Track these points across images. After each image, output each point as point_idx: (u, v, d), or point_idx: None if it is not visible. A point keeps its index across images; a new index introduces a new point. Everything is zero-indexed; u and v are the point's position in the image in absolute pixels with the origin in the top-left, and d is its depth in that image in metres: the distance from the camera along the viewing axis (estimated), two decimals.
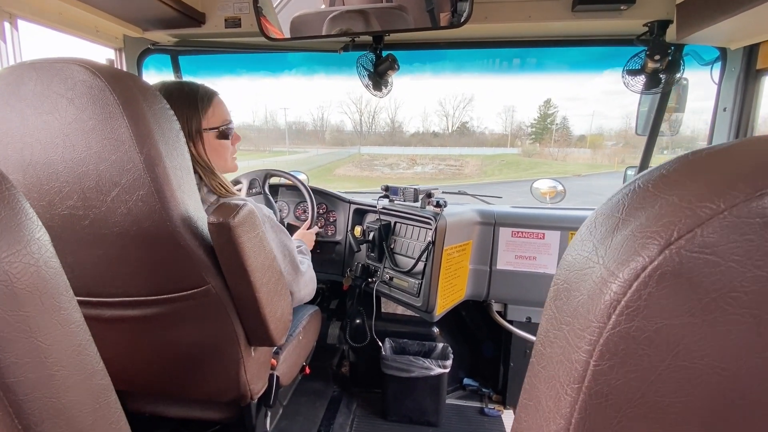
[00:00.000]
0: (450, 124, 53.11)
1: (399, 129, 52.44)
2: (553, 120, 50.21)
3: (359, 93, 47.16)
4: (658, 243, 0.20)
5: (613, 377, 0.22)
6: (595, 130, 54.29)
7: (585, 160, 41.74)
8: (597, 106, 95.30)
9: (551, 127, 49.63)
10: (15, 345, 0.30)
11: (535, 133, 49.43)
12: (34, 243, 0.31)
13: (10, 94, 0.59)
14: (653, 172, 0.24)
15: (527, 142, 49.24)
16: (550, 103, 51.76)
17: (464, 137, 51.56)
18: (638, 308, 0.21)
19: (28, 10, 1.14)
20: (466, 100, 52.79)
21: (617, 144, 48.69)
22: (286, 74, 14.38)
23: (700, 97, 1.40)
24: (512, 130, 53.68)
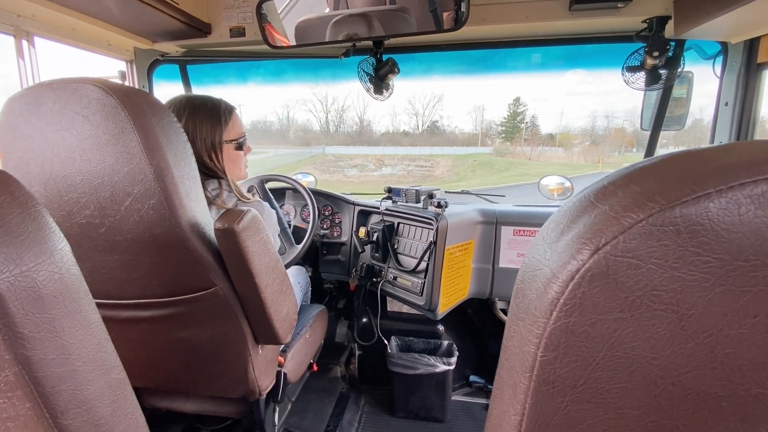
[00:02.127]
0: (420, 123, 52.03)
1: (368, 128, 50.88)
2: (523, 118, 49.32)
3: (325, 90, 45.28)
4: (589, 248, 0.23)
5: (557, 366, 0.25)
6: (562, 128, 53.63)
7: (559, 159, 40.43)
8: (563, 106, 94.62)
9: (521, 126, 48.83)
10: (43, 343, 0.34)
11: (505, 132, 48.72)
12: (57, 253, 0.36)
13: (30, 113, 0.64)
14: (599, 182, 0.27)
15: (498, 141, 48.30)
16: (519, 102, 50.84)
17: (435, 136, 50.56)
18: (574, 305, 0.23)
19: (44, 28, 1.21)
20: (435, 99, 51.75)
21: (583, 142, 47.77)
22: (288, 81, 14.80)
23: (711, 92, 1.40)
24: (482, 128, 52.70)
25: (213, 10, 1.45)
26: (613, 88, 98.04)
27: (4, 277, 0.31)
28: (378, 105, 57.18)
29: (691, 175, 0.22)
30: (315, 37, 1.38)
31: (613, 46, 1.45)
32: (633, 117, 64.85)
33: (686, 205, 0.21)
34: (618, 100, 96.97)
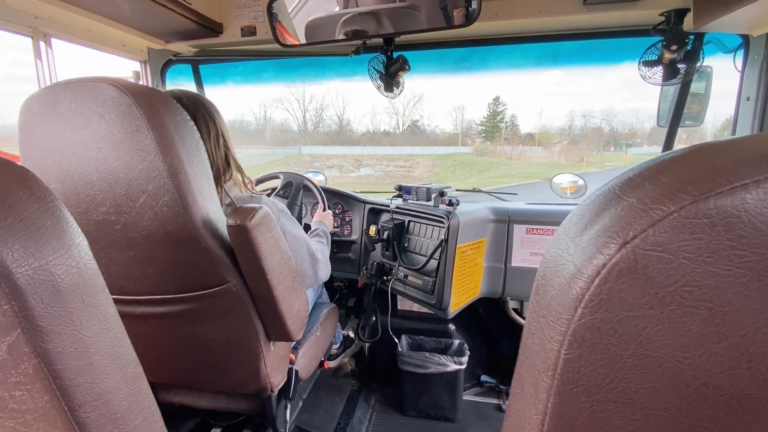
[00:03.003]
0: (401, 123, 50.95)
1: (347, 127, 49.56)
2: (503, 118, 48.87)
3: (302, 89, 44.33)
4: (616, 242, 0.22)
5: (582, 365, 0.24)
6: (541, 128, 53.19)
7: (540, 158, 39.54)
8: (541, 105, 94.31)
9: (501, 125, 48.33)
10: (61, 336, 0.34)
11: (485, 132, 48.25)
12: (75, 247, 0.36)
13: (48, 112, 0.65)
14: (623, 175, 0.26)
15: (478, 141, 47.75)
16: (499, 101, 50.18)
17: (415, 136, 49.77)
18: (600, 301, 0.23)
19: (60, 29, 1.23)
20: (416, 98, 50.35)
21: (561, 142, 47.27)
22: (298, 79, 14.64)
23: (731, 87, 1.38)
24: (463, 128, 52.09)
25: (225, 10, 1.46)
26: (591, 89, 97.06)
27: (23, 271, 0.32)
28: (358, 104, 55.44)
29: (725, 165, 0.21)
30: (325, 36, 1.38)
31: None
32: (609, 117, 61.97)
33: (721, 196, 0.20)
34: (594, 100, 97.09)
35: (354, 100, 52.00)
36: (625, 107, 29.48)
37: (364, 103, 60.19)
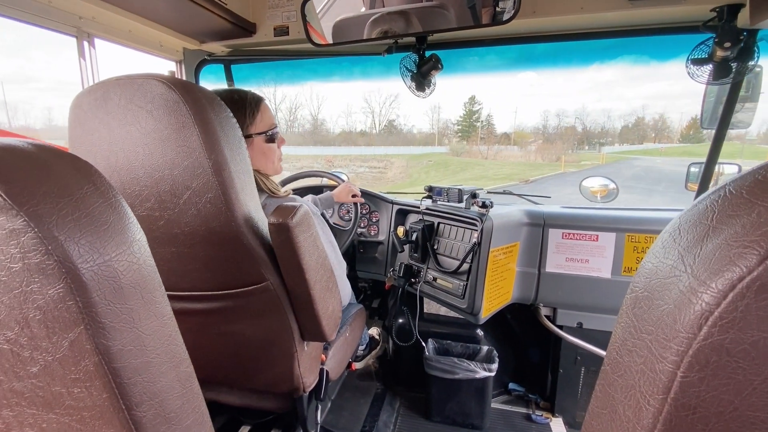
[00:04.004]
0: (377, 123, 50.20)
1: (322, 127, 48.82)
2: (479, 117, 48.31)
3: (273, 87, 44.92)
4: (757, 253, 0.19)
5: (703, 389, 0.21)
6: (517, 127, 52.35)
7: (516, 158, 38.56)
8: (517, 104, 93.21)
9: (477, 125, 47.63)
10: (121, 334, 0.34)
11: (462, 131, 47.55)
12: (136, 243, 0.35)
13: (98, 108, 0.66)
14: (746, 177, 0.23)
15: (455, 141, 47.00)
16: (475, 100, 49.00)
17: (392, 136, 49.00)
18: (733, 320, 0.20)
19: (103, 30, 1.26)
20: (392, 97, 49.82)
21: (536, 141, 46.63)
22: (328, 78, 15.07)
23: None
24: (440, 128, 51.47)
25: (258, 10, 1.48)
26: (564, 91, 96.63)
27: (88, 266, 0.31)
28: (333, 104, 53.59)
29: None
30: (354, 36, 1.37)
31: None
32: (582, 116, 62.14)
33: None
34: (567, 100, 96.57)
35: (328, 100, 51.46)
36: (596, 107, 30.70)
37: (338, 102, 59.76)
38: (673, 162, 35.39)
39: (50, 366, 0.33)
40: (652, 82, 27.43)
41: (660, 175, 21.66)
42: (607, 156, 42.19)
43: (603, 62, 11.14)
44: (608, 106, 28.56)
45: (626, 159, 39.29)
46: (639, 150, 56.43)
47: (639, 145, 62.05)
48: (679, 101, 20.04)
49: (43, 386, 0.34)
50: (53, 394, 0.34)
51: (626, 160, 38.22)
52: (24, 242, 0.29)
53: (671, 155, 46.71)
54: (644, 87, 26.66)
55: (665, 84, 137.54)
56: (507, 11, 1.20)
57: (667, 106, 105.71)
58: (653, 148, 56.67)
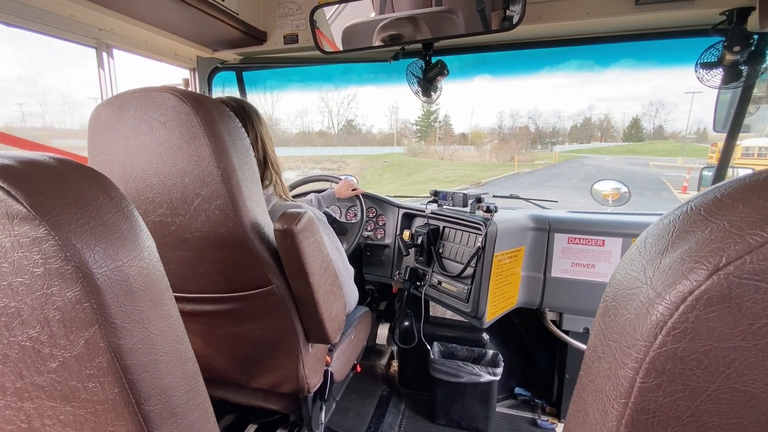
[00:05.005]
0: (335, 123, 49.46)
1: (276, 127, 47.32)
2: (436, 117, 48.18)
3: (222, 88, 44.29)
4: (706, 268, 0.21)
5: (660, 395, 0.23)
6: (473, 127, 52.15)
7: (472, 158, 38.19)
8: (472, 105, 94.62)
9: (435, 125, 47.59)
10: (132, 333, 0.37)
11: (420, 131, 47.39)
12: (146, 250, 0.38)
13: (115, 119, 0.69)
14: (707, 194, 0.25)
15: (414, 141, 46.60)
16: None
17: (351, 136, 48.39)
18: (685, 330, 0.21)
19: (121, 40, 1.32)
20: (350, 97, 49.13)
21: (492, 141, 46.83)
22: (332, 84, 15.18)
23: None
24: (397, 128, 51.14)
25: (269, 19, 1.52)
26: (517, 93, 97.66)
27: (102, 271, 0.34)
28: (289, 103, 52.65)
29: None
30: (363, 42, 1.40)
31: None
32: (535, 116, 64.37)
33: None
34: (521, 102, 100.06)
35: (284, 100, 50.52)
36: (547, 109, 32.48)
37: (294, 102, 58.95)
38: (620, 160, 35.95)
39: (68, 362, 0.36)
40: (597, 85, 30.03)
41: (612, 174, 21.20)
42: (559, 155, 42.41)
43: (552, 67, 11.00)
44: (558, 107, 30.90)
45: (577, 158, 39.45)
46: (588, 149, 58.13)
47: (587, 144, 64.83)
48: (620, 103, 20.49)
49: (61, 381, 0.37)
50: (70, 388, 0.37)
51: (577, 158, 38.44)
52: (45, 249, 0.33)
53: (617, 153, 47.65)
54: (590, 89, 28.51)
55: (609, 86, 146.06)
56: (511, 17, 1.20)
57: (611, 107, 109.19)
58: (600, 147, 58.62)
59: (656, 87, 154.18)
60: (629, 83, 33.57)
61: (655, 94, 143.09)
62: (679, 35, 1.30)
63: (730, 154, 1.43)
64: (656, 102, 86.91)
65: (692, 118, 64.04)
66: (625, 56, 27.93)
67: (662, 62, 55.27)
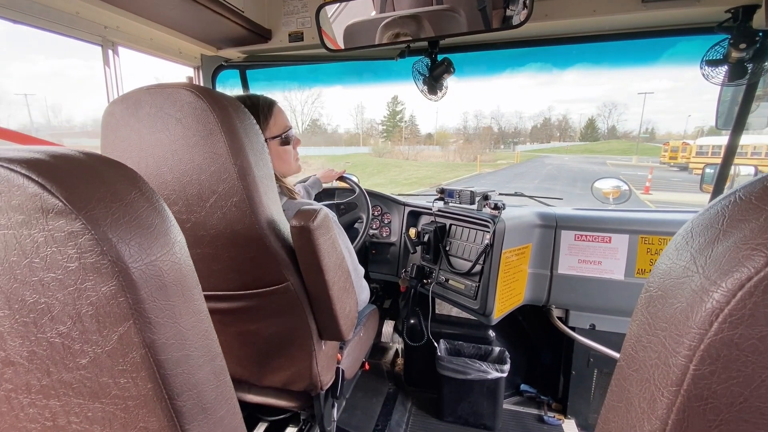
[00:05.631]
0: (299, 122, 48.41)
1: None
2: (402, 117, 48.37)
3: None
4: (764, 255, 0.21)
5: (714, 381, 0.23)
6: (439, 127, 53.34)
7: (437, 158, 38.44)
8: (438, 105, 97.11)
9: (401, 125, 47.90)
10: (165, 328, 0.36)
11: (386, 131, 47.55)
12: (177, 244, 0.38)
13: (130, 116, 0.69)
14: (755, 183, 0.25)
15: (380, 141, 46.73)
16: (398, 100, 48.62)
17: (316, 136, 48.08)
18: (742, 317, 0.21)
19: (126, 38, 1.31)
20: (314, 95, 48.22)
21: (458, 141, 47.48)
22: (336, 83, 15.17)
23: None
24: (363, 128, 51.33)
25: (274, 17, 1.51)
26: (480, 93, 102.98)
27: (138, 266, 0.34)
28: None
29: None
30: (365, 40, 1.39)
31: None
32: (497, 116, 67.13)
33: None
34: (484, 103, 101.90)
35: None
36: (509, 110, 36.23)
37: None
38: (579, 159, 36.81)
39: (99, 358, 0.36)
40: (556, 86, 32.77)
41: (572, 173, 21.32)
42: (521, 155, 43.14)
43: (514, 69, 11.28)
44: (520, 108, 33.68)
45: (538, 157, 40.13)
46: (548, 148, 60.29)
47: (547, 143, 67.65)
48: (577, 105, 21.58)
49: (91, 377, 0.37)
50: (100, 384, 0.37)
51: (538, 158, 39.12)
52: (81, 243, 0.32)
53: (575, 153, 49.01)
54: (550, 91, 30.53)
55: (566, 88, 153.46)
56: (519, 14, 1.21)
57: (569, 108, 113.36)
58: (560, 146, 60.84)
59: (609, 90, 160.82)
60: (585, 85, 37.35)
61: (608, 96, 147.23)
62: (685, 33, 1.30)
63: (734, 151, 1.44)
64: (609, 103, 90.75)
65: (642, 118, 67.37)
66: (582, 59, 29.60)
67: (615, 64, 57.30)
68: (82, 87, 68.49)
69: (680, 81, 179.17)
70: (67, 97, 50.82)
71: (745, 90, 1.35)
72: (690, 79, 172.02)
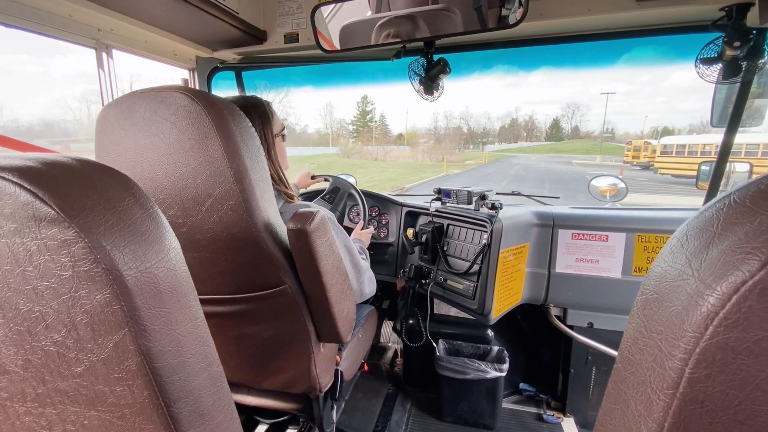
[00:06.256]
0: None
1: None
2: (372, 117, 48.55)
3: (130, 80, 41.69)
4: (759, 258, 0.21)
5: (710, 385, 0.23)
6: (410, 128, 54.14)
7: (406, 158, 38.50)
8: (407, 105, 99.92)
9: (371, 125, 48.10)
10: (160, 335, 0.36)
11: (356, 131, 47.57)
12: (172, 251, 0.38)
13: (124, 120, 0.69)
14: (750, 186, 0.25)
15: (351, 141, 46.80)
16: (368, 100, 48.58)
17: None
18: (737, 320, 0.21)
19: (120, 41, 1.30)
20: (282, 94, 48.11)
21: (429, 141, 47.82)
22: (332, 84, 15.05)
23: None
24: (333, 128, 51.35)
25: (269, 18, 1.51)
26: (449, 95, 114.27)
27: (132, 273, 0.34)
28: None
29: None
30: (361, 41, 1.39)
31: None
32: (467, 117, 69.63)
33: None
34: (453, 103, 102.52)
35: None
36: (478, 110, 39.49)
37: None
38: (546, 159, 37.24)
39: (95, 366, 0.36)
40: (522, 88, 35.24)
41: (540, 173, 21.36)
42: (489, 154, 43.79)
43: (483, 72, 11.44)
44: (488, 109, 35.38)
45: (506, 157, 40.69)
46: (515, 148, 62.16)
47: (515, 143, 70.15)
48: (542, 106, 22.19)
49: (87, 385, 0.37)
50: (96, 392, 0.37)
51: (506, 158, 39.68)
52: (75, 252, 0.32)
53: (542, 152, 50.11)
54: (516, 92, 32.14)
55: (532, 89, 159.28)
56: (514, 14, 1.21)
57: (535, 109, 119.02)
58: (527, 146, 62.80)
59: (573, 92, 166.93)
60: (550, 87, 39.46)
61: (572, 98, 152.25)
62: (679, 31, 1.31)
63: (729, 148, 1.44)
64: (572, 105, 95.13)
65: (605, 119, 70.16)
66: (547, 62, 30.71)
67: (578, 66, 58.47)
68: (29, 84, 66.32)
69: (636, 84, 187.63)
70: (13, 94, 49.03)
71: (740, 88, 1.36)
72: (645, 83, 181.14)
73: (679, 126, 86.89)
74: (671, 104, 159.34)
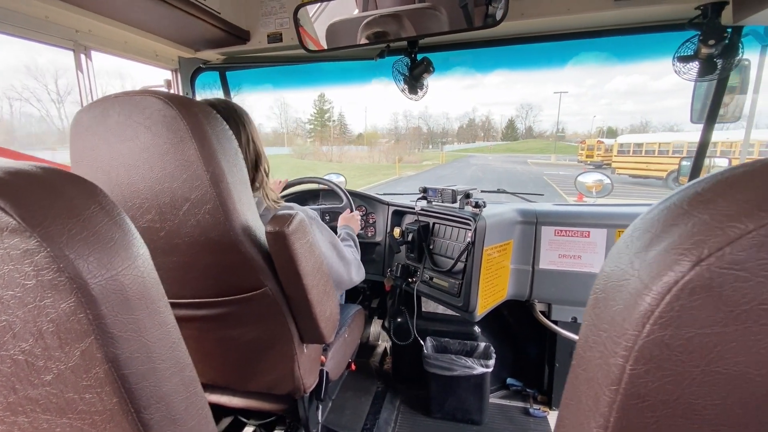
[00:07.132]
0: None
1: None
2: (330, 116, 48.11)
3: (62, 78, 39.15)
4: (689, 259, 0.22)
5: (649, 380, 0.24)
6: (370, 127, 54.37)
7: (363, 158, 38.09)
8: (367, 104, 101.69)
9: (329, 124, 47.59)
10: (129, 342, 0.36)
11: (313, 131, 46.98)
12: (140, 258, 0.38)
13: (98, 125, 0.68)
14: (688, 189, 0.26)
15: (308, 141, 46.29)
16: (325, 98, 48.16)
17: None
18: (671, 318, 0.23)
19: (99, 42, 1.29)
20: (234, 90, 48.66)
21: (389, 141, 48.14)
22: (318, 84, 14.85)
23: None
24: (289, 127, 50.52)
25: (252, 18, 1.50)
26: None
27: (97, 281, 0.34)
28: None
29: None
30: (347, 40, 1.39)
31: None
32: (426, 117, 70.99)
33: None
34: (412, 103, 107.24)
35: None
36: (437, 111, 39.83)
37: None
38: (502, 159, 37.82)
39: (63, 374, 0.36)
40: (479, 89, 36.48)
41: (497, 174, 21.15)
42: (448, 154, 44.00)
43: (442, 73, 11.62)
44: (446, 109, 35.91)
45: (464, 157, 40.93)
46: (473, 148, 63.38)
47: (473, 143, 71.86)
48: (498, 106, 22.79)
49: (57, 393, 0.37)
50: (66, 400, 0.37)
51: (464, 158, 39.89)
52: (37, 261, 0.32)
53: (498, 152, 51.36)
54: (473, 93, 33.11)
55: (489, 90, 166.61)
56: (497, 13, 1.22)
57: (491, 110, 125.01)
58: (484, 146, 64.42)
59: (526, 94, 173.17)
60: (505, 88, 41.49)
61: (525, 99, 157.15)
62: (656, 30, 1.33)
63: (707, 144, 1.47)
64: (526, 105, 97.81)
65: (558, 118, 72.67)
66: (502, 64, 31.36)
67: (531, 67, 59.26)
68: None
69: (583, 87, 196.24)
70: None
71: (716, 85, 1.39)
72: (590, 86, 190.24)
73: (622, 126, 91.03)
74: (613, 106, 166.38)
